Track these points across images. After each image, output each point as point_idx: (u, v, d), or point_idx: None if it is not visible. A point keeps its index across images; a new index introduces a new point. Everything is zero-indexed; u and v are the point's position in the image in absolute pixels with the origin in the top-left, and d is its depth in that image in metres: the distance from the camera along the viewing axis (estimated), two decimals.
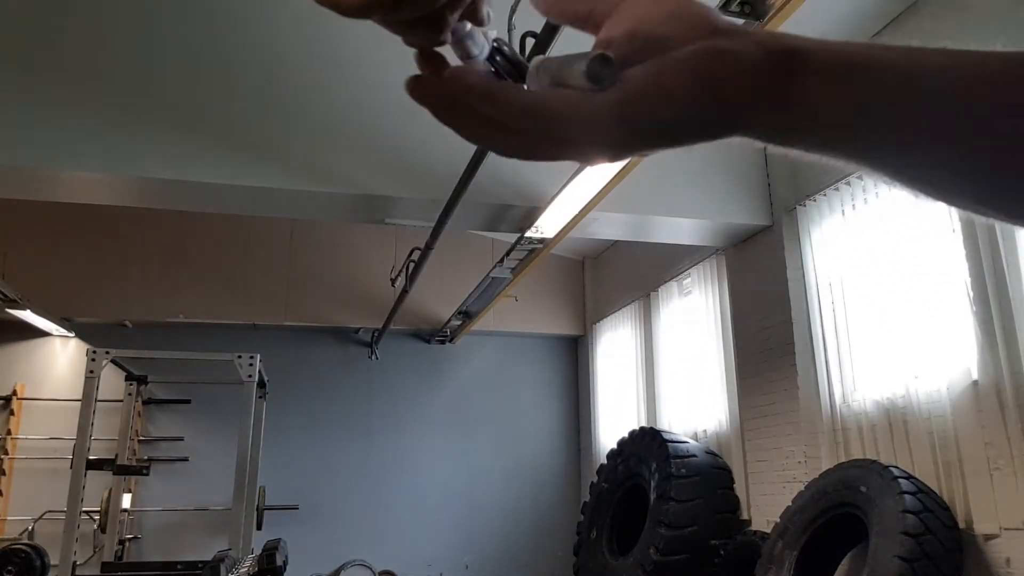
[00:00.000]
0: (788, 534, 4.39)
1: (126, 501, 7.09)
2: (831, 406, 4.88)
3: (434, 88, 0.40)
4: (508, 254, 5.92)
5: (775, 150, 0.41)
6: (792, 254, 5.31)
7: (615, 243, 8.04)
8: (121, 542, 6.99)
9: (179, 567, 5.74)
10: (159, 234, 7.69)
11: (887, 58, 0.39)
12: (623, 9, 0.41)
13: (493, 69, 0.42)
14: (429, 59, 0.42)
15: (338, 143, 4.67)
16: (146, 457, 7.50)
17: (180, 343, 7.35)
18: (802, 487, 4.62)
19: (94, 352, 5.15)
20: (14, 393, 7.54)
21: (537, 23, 3.19)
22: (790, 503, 4.56)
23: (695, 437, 6.20)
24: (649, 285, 7.35)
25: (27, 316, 7.00)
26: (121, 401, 6.64)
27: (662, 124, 0.38)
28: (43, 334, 7.69)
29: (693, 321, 6.54)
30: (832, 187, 4.91)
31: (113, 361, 5.55)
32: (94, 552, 6.99)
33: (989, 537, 3.75)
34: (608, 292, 8.38)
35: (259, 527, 6.60)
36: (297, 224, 8.07)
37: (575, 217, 4.79)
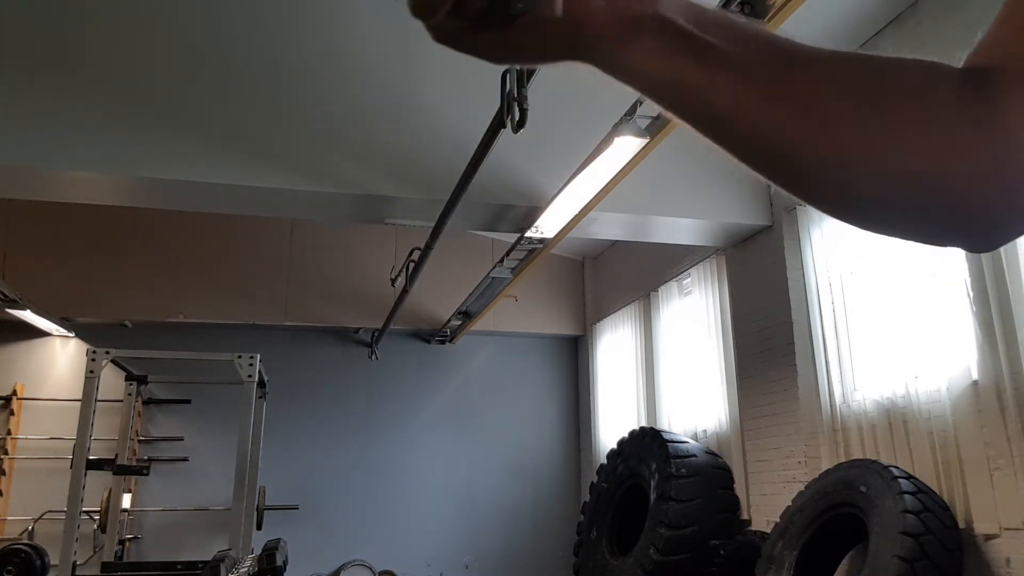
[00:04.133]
0: (788, 534, 4.39)
1: (126, 501, 7.09)
2: (831, 406, 4.88)
3: None
4: (508, 254, 5.92)
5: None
6: (792, 254, 5.30)
7: (615, 243, 8.04)
8: (121, 542, 6.99)
9: (179, 567, 5.74)
10: (159, 234, 7.69)
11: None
12: None
13: None
14: None
15: (338, 143, 4.67)
16: (146, 457, 7.50)
17: (180, 343, 7.35)
18: (802, 487, 4.61)
19: (94, 352, 5.15)
20: (14, 393, 7.54)
21: None
22: (790, 503, 4.56)
23: (695, 437, 6.20)
24: (649, 285, 7.35)
25: (27, 316, 7.00)
26: (121, 401, 6.63)
27: (535, 55, 0.49)
28: (43, 334, 7.69)
29: (693, 321, 6.54)
30: None
31: (113, 361, 5.55)
32: (94, 552, 6.99)
33: (989, 537, 3.75)
34: (608, 292, 8.38)
35: (259, 527, 6.60)
36: (297, 224, 8.07)
37: (575, 217, 4.79)
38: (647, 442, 6.04)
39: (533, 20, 0.46)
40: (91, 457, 5.03)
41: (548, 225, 5.02)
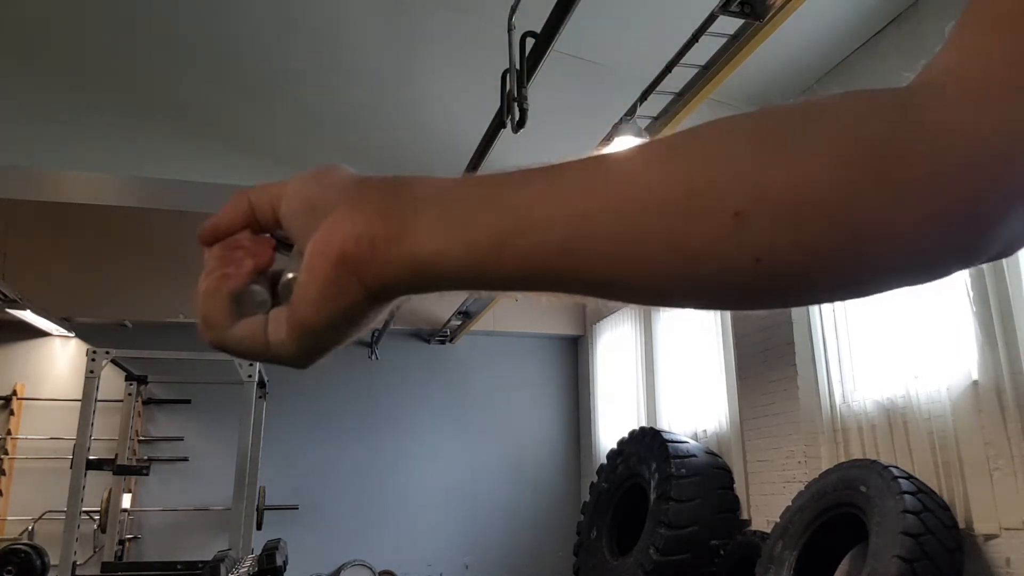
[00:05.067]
0: (788, 534, 4.39)
1: (126, 501, 7.08)
2: (831, 406, 4.88)
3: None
4: None
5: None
6: None
7: None
8: (121, 542, 6.99)
9: (179, 567, 5.74)
10: (159, 234, 7.68)
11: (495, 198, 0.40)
12: (283, 209, 0.45)
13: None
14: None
15: (338, 143, 4.67)
16: (146, 457, 7.50)
17: (180, 343, 7.32)
18: (802, 487, 4.61)
19: (94, 352, 5.15)
20: (14, 393, 7.54)
21: (537, 23, 3.19)
22: (790, 503, 4.56)
23: (695, 437, 6.20)
24: None
25: (27, 316, 7.00)
26: (121, 401, 6.63)
27: (331, 335, 0.42)
28: (43, 334, 7.69)
29: (693, 321, 6.54)
30: None
31: (113, 361, 5.54)
32: (94, 552, 6.98)
33: (989, 537, 3.75)
34: None
35: (259, 527, 6.59)
36: None
37: None
38: (647, 442, 6.04)
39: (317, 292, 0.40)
40: (91, 457, 5.03)
41: None
